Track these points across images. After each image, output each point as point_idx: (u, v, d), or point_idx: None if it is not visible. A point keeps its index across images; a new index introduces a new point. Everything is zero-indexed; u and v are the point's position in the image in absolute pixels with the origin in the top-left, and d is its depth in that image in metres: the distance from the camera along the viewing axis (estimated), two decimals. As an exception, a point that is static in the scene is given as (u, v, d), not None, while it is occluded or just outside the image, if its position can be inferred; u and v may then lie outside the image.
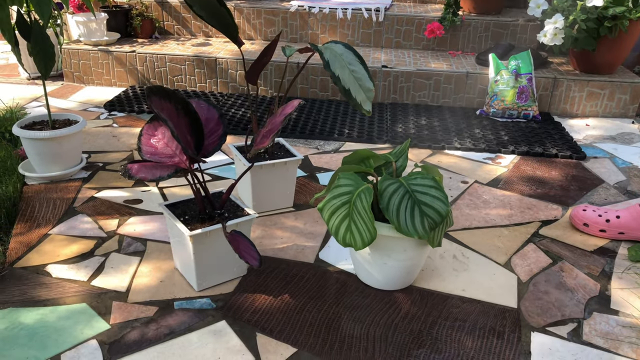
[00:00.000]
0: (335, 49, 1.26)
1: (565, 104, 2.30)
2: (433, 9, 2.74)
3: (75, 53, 2.45)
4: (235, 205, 1.23)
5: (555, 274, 1.29)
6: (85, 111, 2.19)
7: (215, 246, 1.14)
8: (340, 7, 2.62)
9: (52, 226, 1.40)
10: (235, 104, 2.28)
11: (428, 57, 2.48)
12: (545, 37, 2.18)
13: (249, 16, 2.66)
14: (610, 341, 1.09)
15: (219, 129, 1.22)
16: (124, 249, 1.32)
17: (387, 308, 1.15)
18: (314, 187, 1.65)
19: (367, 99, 1.28)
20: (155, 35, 2.69)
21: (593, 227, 1.37)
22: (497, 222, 1.51)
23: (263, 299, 1.16)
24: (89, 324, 1.07)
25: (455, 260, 1.33)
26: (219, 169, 1.75)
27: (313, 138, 2.02)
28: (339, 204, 1.05)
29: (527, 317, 1.15)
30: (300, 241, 1.38)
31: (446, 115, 2.23)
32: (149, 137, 1.18)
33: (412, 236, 1.02)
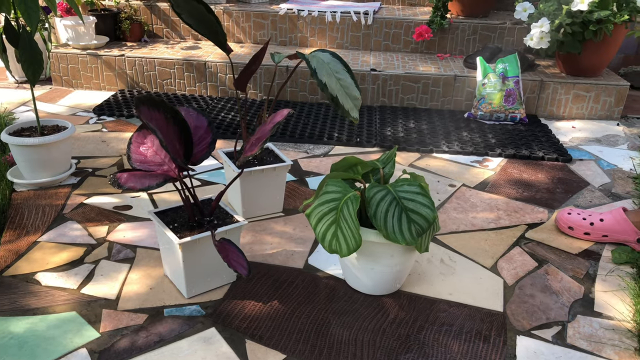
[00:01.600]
0: (322, 58, 1.27)
1: (551, 106, 2.33)
2: (421, 12, 2.76)
3: (63, 57, 2.44)
4: (225, 212, 1.23)
5: (541, 277, 1.31)
6: (74, 116, 2.19)
7: (205, 253, 1.15)
8: (329, 10, 2.63)
9: (41, 233, 1.40)
10: (224, 108, 2.29)
11: (416, 60, 2.50)
12: (532, 40, 2.21)
13: (238, 19, 2.67)
14: (594, 344, 1.11)
15: (208, 136, 1.23)
16: (114, 256, 1.32)
17: (376, 313, 1.17)
18: (304, 192, 1.66)
19: (354, 106, 1.30)
20: (144, 39, 2.68)
21: (578, 230, 1.39)
22: (483, 225, 1.53)
23: (252, 305, 1.17)
24: (78, 332, 1.08)
25: (443, 264, 1.35)
26: (209, 174, 1.76)
27: (302, 142, 2.03)
28: (327, 211, 1.06)
29: (513, 320, 1.17)
30: (289, 246, 1.39)
31: (434, 118, 2.25)
32: (138, 145, 1.19)
33: (400, 243, 1.04)
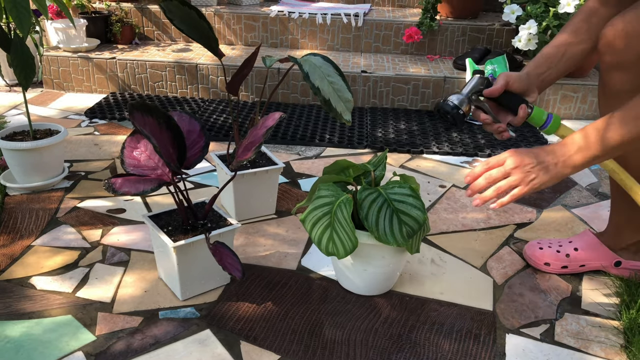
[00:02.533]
0: (314, 61, 1.29)
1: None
2: (411, 13, 2.79)
3: (54, 60, 2.44)
4: (218, 215, 1.25)
5: (529, 277, 1.34)
6: (66, 119, 2.19)
7: (199, 256, 1.17)
8: (319, 12, 2.65)
9: (35, 237, 1.41)
10: (216, 110, 2.30)
11: (407, 62, 2.52)
12: (520, 42, 2.24)
13: (229, 22, 2.68)
14: (581, 341, 1.14)
15: (201, 140, 1.24)
16: (108, 259, 1.33)
17: (368, 313, 1.19)
18: (296, 193, 1.68)
19: (347, 109, 1.32)
20: (135, 41, 2.68)
21: (555, 265, 1.33)
22: (473, 225, 1.55)
23: (246, 306, 1.19)
24: (74, 335, 1.09)
25: (433, 265, 1.37)
26: (202, 177, 1.77)
27: (294, 144, 2.04)
28: (321, 215, 1.08)
29: (502, 319, 1.19)
30: (282, 248, 1.41)
31: (425, 119, 2.27)
32: (132, 150, 1.20)
33: (391, 244, 1.06)
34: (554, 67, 1.18)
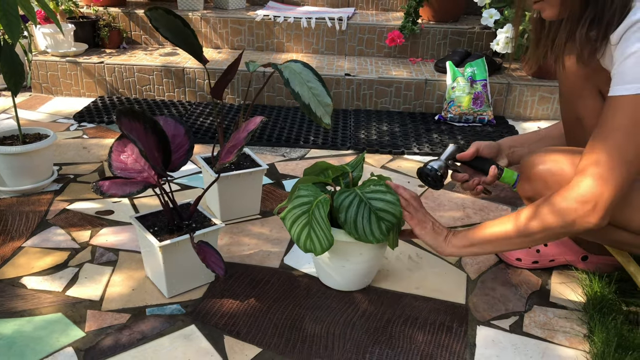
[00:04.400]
0: (294, 68, 1.35)
1: (518, 107, 2.44)
2: (394, 17, 2.85)
3: (42, 64, 2.48)
4: (203, 215, 1.30)
5: (502, 272, 1.40)
6: (55, 122, 2.23)
7: (184, 255, 1.22)
8: (304, 16, 2.70)
9: (25, 239, 1.45)
10: (202, 113, 2.35)
11: (389, 65, 2.58)
12: (498, 45, 2.31)
13: (216, 26, 2.73)
14: (547, 331, 1.20)
15: (186, 143, 1.29)
16: (97, 259, 1.38)
17: (346, 308, 1.25)
18: (280, 194, 1.74)
19: (326, 113, 1.37)
20: (123, 45, 2.73)
21: (526, 260, 1.40)
22: (450, 223, 1.62)
23: (230, 303, 1.24)
24: (64, 332, 1.13)
25: (410, 261, 1.43)
26: (188, 179, 1.82)
27: (279, 146, 2.10)
28: (300, 214, 1.14)
29: (474, 312, 1.26)
30: (266, 247, 1.46)
31: (407, 121, 2.34)
32: (119, 154, 1.25)
33: (372, 242, 1.12)
34: (528, 146, 1.34)
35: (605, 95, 1.22)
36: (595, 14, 0.99)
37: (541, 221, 1.04)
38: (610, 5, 0.97)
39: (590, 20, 1.00)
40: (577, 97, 1.19)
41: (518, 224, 1.08)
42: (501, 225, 1.11)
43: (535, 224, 1.05)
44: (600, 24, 0.99)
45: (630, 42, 0.93)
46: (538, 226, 1.05)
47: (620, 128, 0.95)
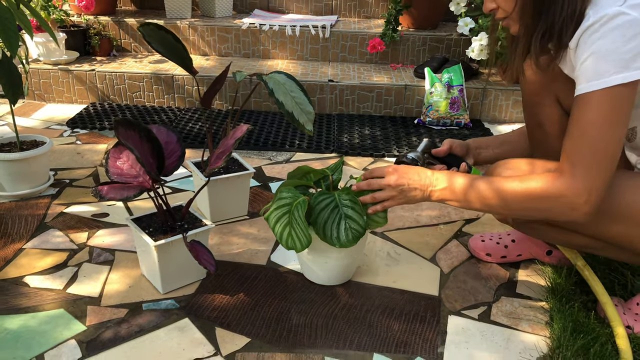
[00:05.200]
0: (278, 79, 1.45)
1: (494, 111, 2.56)
2: (375, 24, 2.96)
3: (35, 72, 2.55)
4: (194, 217, 1.40)
5: (473, 266, 1.52)
6: (49, 129, 2.31)
7: (177, 254, 1.31)
8: (289, 24, 2.80)
9: (26, 241, 1.53)
10: (192, 119, 2.44)
11: (371, 71, 2.69)
12: (473, 52, 2.43)
13: (203, 34, 2.82)
14: (512, 319, 1.32)
15: (178, 150, 1.39)
16: (95, 259, 1.47)
17: (329, 301, 1.35)
18: (267, 196, 1.84)
19: (309, 120, 1.47)
20: (113, 53, 2.81)
21: (495, 255, 1.51)
22: (426, 222, 1.73)
23: (221, 298, 1.34)
24: (67, 326, 1.22)
25: (389, 257, 1.54)
26: (179, 182, 1.91)
27: (266, 149, 2.20)
28: (281, 214, 1.24)
29: (447, 303, 1.37)
30: (254, 246, 1.56)
31: (387, 124, 2.45)
32: (115, 160, 1.34)
33: (335, 246, 1.22)
34: (491, 148, 1.45)
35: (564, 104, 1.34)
36: (547, 25, 1.07)
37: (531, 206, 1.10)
38: (559, 16, 1.05)
39: (543, 32, 1.09)
40: (537, 104, 1.30)
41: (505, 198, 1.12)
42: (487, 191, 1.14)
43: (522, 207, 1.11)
44: (552, 34, 1.08)
45: (587, 45, 1.01)
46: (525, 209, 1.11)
47: (595, 123, 1.01)
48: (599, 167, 1.03)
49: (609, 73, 0.98)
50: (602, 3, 1.00)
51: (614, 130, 1.01)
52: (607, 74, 0.98)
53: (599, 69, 0.99)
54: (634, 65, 0.97)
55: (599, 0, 1.01)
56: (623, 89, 0.99)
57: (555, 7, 1.05)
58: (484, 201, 1.15)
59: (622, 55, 0.97)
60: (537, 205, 1.10)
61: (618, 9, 0.97)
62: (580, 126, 1.03)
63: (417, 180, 1.23)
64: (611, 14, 0.97)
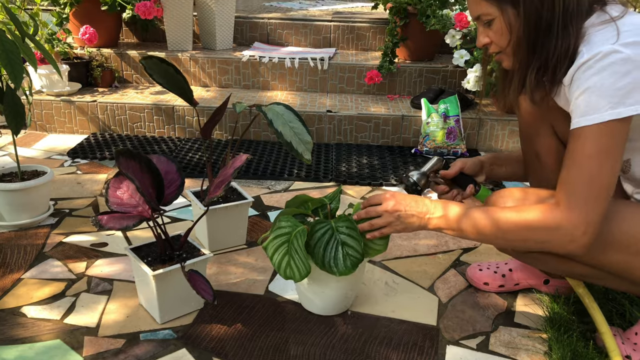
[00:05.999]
0: (277, 110, 1.48)
1: (490, 141, 2.59)
2: (372, 57, 3.02)
3: (37, 103, 2.59)
4: (192, 246, 1.40)
5: (471, 295, 1.52)
6: (50, 159, 2.33)
7: (176, 283, 1.32)
8: (288, 56, 2.86)
9: (24, 271, 1.53)
10: (192, 149, 2.46)
11: (368, 102, 2.74)
12: (469, 83, 2.47)
13: (204, 65, 2.87)
14: (511, 349, 1.31)
15: (178, 179, 1.41)
16: (93, 289, 1.47)
17: (327, 331, 1.35)
18: (265, 225, 1.84)
19: (307, 149, 1.50)
20: (115, 85, 2.85)
21: (493, 284, 1.51)
22: (424, 251, 1.73)
23: (218, 328, 1.34)
24: (63, 357, 1.22)
25: (387, 286, 1.54)
26: (178, 211, 1.92)
27: (265, 178, 2.22)
28: (280, 243, 1.25)
29: (445, 332, 1.36)
30: (252, 275, 1.56)
31: (385, 154, 2.48)
32: (115, 190, 1.36)
33: (335, 274, 1.22)
34: (505, 166, 1.47)
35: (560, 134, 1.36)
36: (541, 61, 1.11)
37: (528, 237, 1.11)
38: (553, 53, 1.08)
39: (538, 67, 1.12)
40: (534, 135, 1.32)
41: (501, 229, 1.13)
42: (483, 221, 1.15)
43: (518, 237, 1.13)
44: (546, 69, 1.11)
45: (581, 81, 1.04)
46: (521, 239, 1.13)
47: (591, 156, 1.03)
48: (595, 199, 1.05)
49: (604, 108, 1.01)
50: (596, 40, 1.03)
51: (609, 163, 1.04)
52: (602, 109, 1.01)
53: (594, 104, 1.02)
54: (628, 101, 1.00)
55: (592, 38, 1.04)
56: (617, 123, 1.01)
57: (549, 43, 1.08)
58: (479, 231, 1.16)
59: (617, 91, 1.00)
60: (534, 236, 1.11)
61: (612, 47, 1.00)
62: (576, 159, 1.06)
63: (414, 207, 1.24)
64: (605, 52, 1.00)
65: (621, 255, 1.12)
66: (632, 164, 1.18)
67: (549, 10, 1.07)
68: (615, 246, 1.12)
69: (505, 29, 1.12)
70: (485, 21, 1.15)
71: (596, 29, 1.05)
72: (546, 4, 1.06)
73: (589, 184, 1.04)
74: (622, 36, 1.01)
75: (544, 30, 1.08)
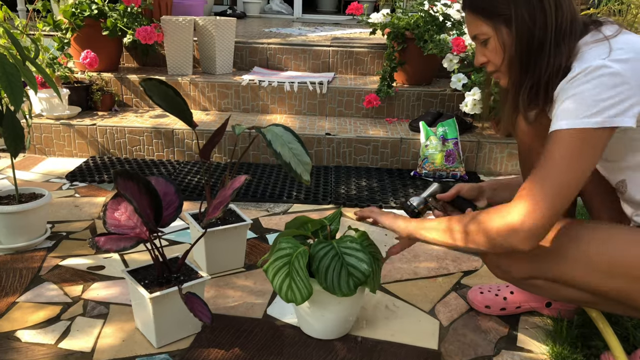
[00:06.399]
0: (276, 131, 1.48)
1: (489, 164, 2.59)
2: (371, 81, 3.05)
3: (37, 127, 2.60)
4: (190, 268, 1.39)
5: (472, 318, 1.49)
6: (48, 182, 2.32)
7: (173, 306, 1.30)
8: (287, 80, 2.88)
9: (19, 294, 1.51)
10: (190, 172, 2.46)
11: (367, 125, 2.75)
12: (467, 107, 2.49)
13: (204, 89, 2.89)
14: (514, 374, 1.29)
15: (176, 201, 1.40)
16: (89, 312, 1.45)
17: (326, 355, 1.32)
18: (264, 248, 1.83)
19: (305, 170, 1.49)
20: (114, 108, 2.87)
21: (494, 307, 1.50)
22: (425, 274, 1.71)
23: (216, 352, 1.31)
24: (57, 382, 1.19)
25: (387, 310, 1.52)
26: (176, 234, 1.91)
27: (264, 201, 2.21)
28: (281, 265, 1.23)
29: (446, 357, 1.34)
30: (250, 299, 1.54)
31: (384, 176, 2.47)
32: (113, 211, 1.35)
33: (337, 295, 1.21)
34: (507, 191, 1.45)
35: None
36: (534, 80, 1.12)
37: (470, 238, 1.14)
38: (545, 71, 1.10)
39: (530, 86, 1.13)
40: (531, 154, 1.32)
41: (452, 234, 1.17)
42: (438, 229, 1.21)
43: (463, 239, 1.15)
44: (539, 87, 1.12)
45: (568, 90, 1.06)
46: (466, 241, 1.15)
47: (553, 158, 1.04)
48: (554, 196, 1.04)
49: (581, 115, 1.02)
50: (587, 57, 1.05)
51: (577, 167, 1.04)
52: (579, 116, 1.02)
53: (573, 110, 1.03)
54: (608, 112, 1.01)
55: (584, 55, 1.06)
56: (592, 132, 1.02)
57: (541, 61, 1.09)
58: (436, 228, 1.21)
59: (598, 102, 1.01)
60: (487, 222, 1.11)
61: (602, 62, 1.02)
62: (547, 158, 1.06)
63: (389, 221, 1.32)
64: (595, 65, 1.02)
65: (621, 281, 1.11)
66: (627, 184, 1.17)
67: (541, 29, 1.08)
68: (615, 272, 1.11)
69: (500, 48, 1.14)
70: (481, 40, 1.17)
71: (589, 46, 1.07)
72: (538, 23, 1.08)
73: (551, 181, 1.04)
74: (613, 53, 1.03)
75: (536, 48, 1.10)
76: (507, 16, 1.10)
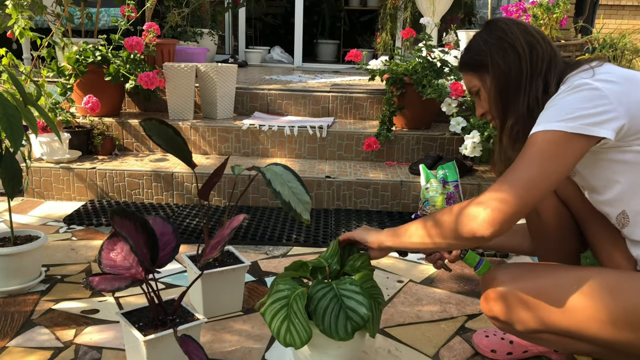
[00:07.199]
0: (275, 170, 1.47)
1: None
2: (370, 125, 3.07)
3: (37, 170, 2.59)
4: (186, 311, 1.35)
5: (478, 363, 1.44)
6: (45, 225, 2.30)
7: (168, 350, 1.25)
8: (287, 125, 2.91)
9: (9, 339, 1.46)
10: (189, 215, 2.44)
11: (367, 168, 2.75)
12: (466, 149, 2.50)
13: (204, 134, 2.91)
14: (524, 422, 1.22)
15: (173, 241, 1.37)
16: (80, 358, 1.40)
17: (327, 402, 1.26)
18: (263, 291, 1.79)
19: (305, 210, 1.47)
20: (115, 152, 2.88)
21: (500, 352, 1.45)
22: (428, 317, 1.67)
23: (211, 399, 1.25)
24: None
25: (390, 355, 1.46)
26: (172, 277, 1.87)
27: (263, 244, 2.18)
28: (279, 308, 1.20)
29: (452, 404, 1.28)
30: (247, 344, 1.49)
31: (385, 219, 2.45)
32: (109, 252, 1.32)
33: (335, 339, 1.16)
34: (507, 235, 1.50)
35: (559, 193, 1.35)
36: (516, 116, 1.19)
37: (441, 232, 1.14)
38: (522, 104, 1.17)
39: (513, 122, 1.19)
40: None
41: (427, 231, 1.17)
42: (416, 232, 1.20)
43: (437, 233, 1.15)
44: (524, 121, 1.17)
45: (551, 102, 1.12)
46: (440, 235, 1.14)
47: (524, 155, 1.07)
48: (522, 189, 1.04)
49: (556, 119, 1.06)
50: (572, 79, 1.12)
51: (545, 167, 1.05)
52: (556, 120, 1.06)
53: (552, 115, 1.08)
54: (585, 121, 1.04)
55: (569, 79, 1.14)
56: (567, 137, 1.05)
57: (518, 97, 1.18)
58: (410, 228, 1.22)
59: (575, 110, 1.05)
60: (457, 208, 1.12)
61: (585, 81, 1.08)
62: (520, 156, 1.08)
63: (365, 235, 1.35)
64: (578, 83, 1.08)
65: (629, 332, 1.08)
66: (628, 214, 1.16)
67: (516, 70, 1.18)
68: (624, 323, 1.08)
69: (486, 95, 1.23)
70: (475, 92, 1.27)
71: (575, 74, 1.14)
72: (513, 66, 1.18)
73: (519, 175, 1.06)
74: (597, 75, 1.09)
75: (514, 88, 1.18)
76: (487, 66, 1.21)
